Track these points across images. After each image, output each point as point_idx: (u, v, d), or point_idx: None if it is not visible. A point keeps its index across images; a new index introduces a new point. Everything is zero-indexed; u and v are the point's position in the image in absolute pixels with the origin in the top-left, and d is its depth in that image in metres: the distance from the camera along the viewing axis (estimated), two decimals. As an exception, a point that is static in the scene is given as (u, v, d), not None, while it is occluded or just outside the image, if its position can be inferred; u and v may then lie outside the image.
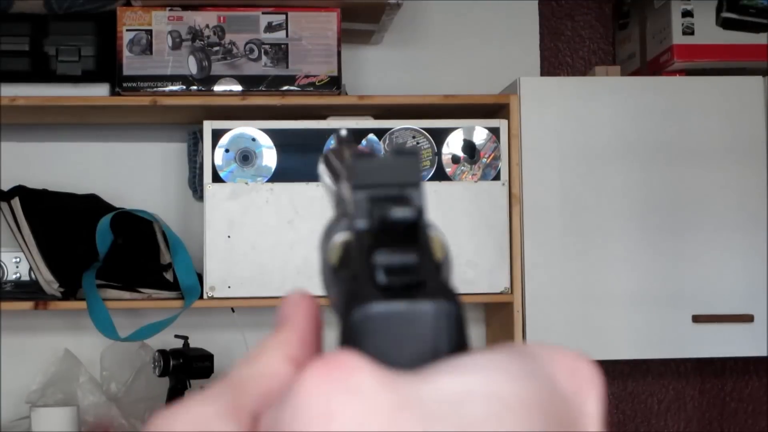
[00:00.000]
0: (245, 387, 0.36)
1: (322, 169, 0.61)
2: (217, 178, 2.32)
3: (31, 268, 2.34)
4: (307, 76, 2.35)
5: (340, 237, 0.39)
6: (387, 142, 2.35)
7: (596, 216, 2.40)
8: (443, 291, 0.35)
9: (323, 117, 2.38)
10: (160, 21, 2.33)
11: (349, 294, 0.35)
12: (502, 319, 2.47)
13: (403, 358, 0.33)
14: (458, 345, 0.34)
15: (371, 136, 2.35)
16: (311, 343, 0.38)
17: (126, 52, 2.33)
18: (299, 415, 0.32)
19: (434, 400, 0.32)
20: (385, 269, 0.35)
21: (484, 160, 2.37)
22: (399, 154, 0.37)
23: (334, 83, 2.35)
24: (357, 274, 0.35)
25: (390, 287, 0.34)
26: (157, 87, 2.32)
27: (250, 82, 2.34)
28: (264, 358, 0.37)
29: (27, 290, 2.36)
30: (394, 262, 0.35)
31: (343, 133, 0.61)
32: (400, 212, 0.36)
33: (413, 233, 0.36)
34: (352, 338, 0.34)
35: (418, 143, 2.36)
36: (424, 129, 2.36)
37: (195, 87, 2.33)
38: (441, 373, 0.32)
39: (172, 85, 2.33)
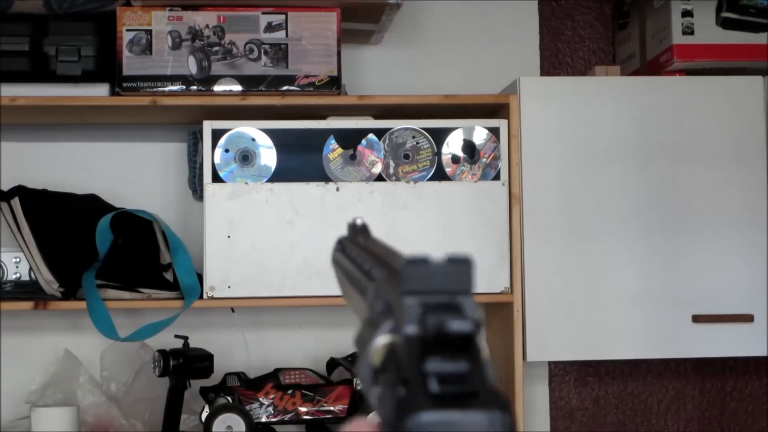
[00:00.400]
0: None
1: (337, 255, 0.60)
2: (217, 178, 2.32)
3: (31, 268, 2.34)
4: (307, 76, 2.35)
5: (384, 339, 0.39)
6: (387, 142, 2.35)
7: (596, 216, 2.40)
8: (496, 401, 0.34)
9: (323, 117, 2.38)
10: (160, 21, 2.33)
11: (400, 401, 0.35)
12: (502, 319, 2.47)
13: None
14: None
15: (371, 136, 2.35)
16: None
17: (126, 52, 2.33)
18: None
19: None
20: (438, 377, 0.35)
21: (484, 160, 2.37)
22: (451, 261, 0.37)
23: (334, 83, 2.35)
24: (408, 380, 0.35)
25: (442, 395, 0.34)
26: (157, 87, 2.32)
27: (250, 82, 2.34)
28: None
29: (27, 290, 2.36)
30: (446, 371, 0.35)
31: (359, 222, 0.61)
32: (458, 324, 0.36)
33: (466, 343, 0.36)
34: None
35: (417, 143, 2.36)
36: (424, 129, 2.36)
37: (195, 87, 2.33)
38: None
39: (172, 85, 2.33)
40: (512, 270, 2.35)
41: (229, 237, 2.30)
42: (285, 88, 2.34)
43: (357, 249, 0.54)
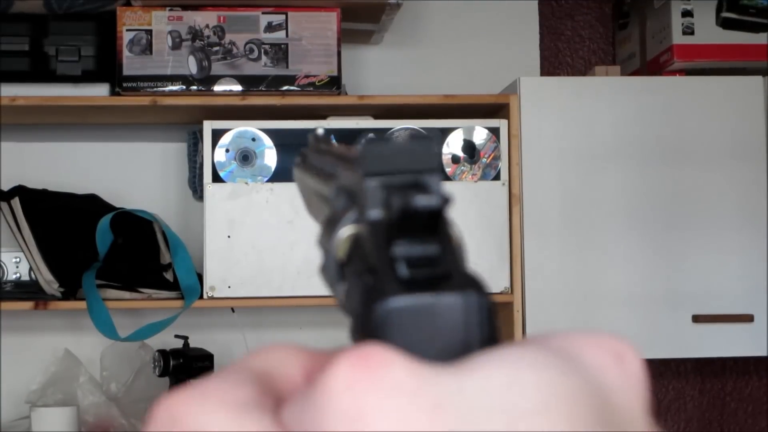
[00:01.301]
0: (267, 379, 0.33)
1: (298, 169, 0.58)
2: (217, 178, 2.32)
3: (31, 268, 2.34)
4: (307, 76, 2.35)
5: (346, 231, 0.37)
6: (387, 142, 2.35)
7: (596, 216, 2.40)
8: (471, 282, 0.32)
9: (323, 117, 2.38)
10: (160, 21, 2.33)
11: (368, 288, 0.33)
12: (502, 319, 2.46)
13: (432, 354, 0.31)
14: (489, 338, 0.32)
15: (371, 136, 2.35)
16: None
17: (126, 52, 2.33)
18: (327, 415, 0.29)
19: (477, 394, 0.29)
20: (407, 261, 0.33)
21: (484, 160, 2.37)
22: (414, 138, 0.36)
23: (334, 83, 2.35)
24: (375, 267, 0.33)
25: (413, 280, 0.32)
26: (157, 87, 2.32)
27: (250, 82, 2.34)
28: (278, 358, 0.34)
29: (27, 290, 2.36)
30: (416, 254, 0.33)
31: (320, 131, 0.58)
32: (424, 200, 0.33)
33: (434, 223, 0.34)
34: (374, 335, 0.31)
35: (418, 143, 2.35)
36: (424, 129, 2.36)
37: (195, 87, 2.33)
38: (479, 366, 0.30)
39: (172, 85, 2.33)
40: (512, 270, 2.35)
41: (229, 237, 2.30)
42: (285, 88, 2.34)
43: (319, 156, 0.51)
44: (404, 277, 0.32)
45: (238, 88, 2.34)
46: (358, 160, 0.35)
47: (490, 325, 0.32)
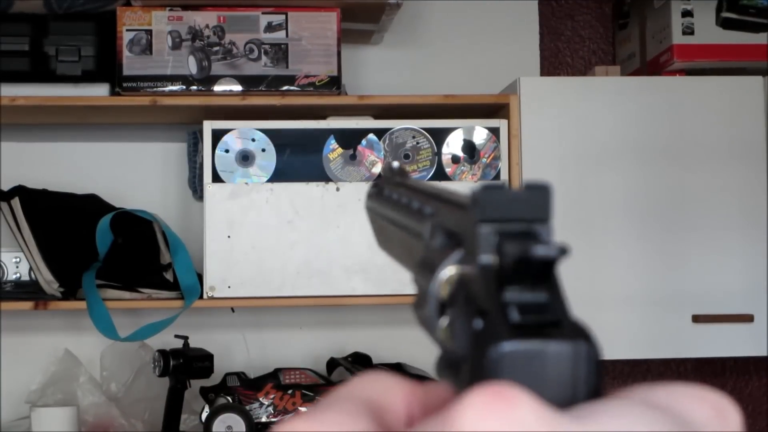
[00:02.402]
0: (376, 410, 0.34)
1: (372, 200, 0.58)
2: (217, 178, 2.32)
3: (31, 268, 2.34)
4: (307, 76, 2.35)
5: (451, 270, 0.37)
6: (387, 142, 2.35)
7: (596, 216, 2.40)
8: (580, 332, 0.33)
9: (323, 117, 2.38)
10: (160, 21, 2.33)
11: (479, 331, 0.33)
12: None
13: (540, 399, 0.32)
14: (595, 389, 0.33)
15: (371, 136, 2.35)
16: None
17: (126, 52, 2.33)
18: None
19: None
20: (518, 307, 0.33)
21: (484, 160, 2.37)
22: (529, 188, 0.36)
23: (334, 83, 2.35)
24: (485, 310, 0.34)
25: (524, 326, 0.33)
26: (157, 87, 2.32)
27: (250, 82, 2.34)
28: (383, 388, 0.35)
29: (27, 290, 2.36)
30: (527, 300, 0.34)
31: (395, 164, 0.58)
32: (542, 250, 0.34)
33: (547, 272, 0.35)
34: (484, 377, 0.32)
35: (417, 143, 2.36)
36: (424, 129, 2.36)
37: (195, 87, 2.33)
38: (595, 415, 0.31)
39: (172, 85, 2.33)
40: (512, 270, 2.34)
41: (229, 237, 2.30)
42: (285, 88, 2.34)
43: (399, 189, 0.51)
44: (516, 322, 0.33)
45: (238, 88, 2.34)
46: (472, 205, 0.36)
47: (597, 375, 0.33)
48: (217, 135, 2.32)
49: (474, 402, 0.30)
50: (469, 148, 2.37)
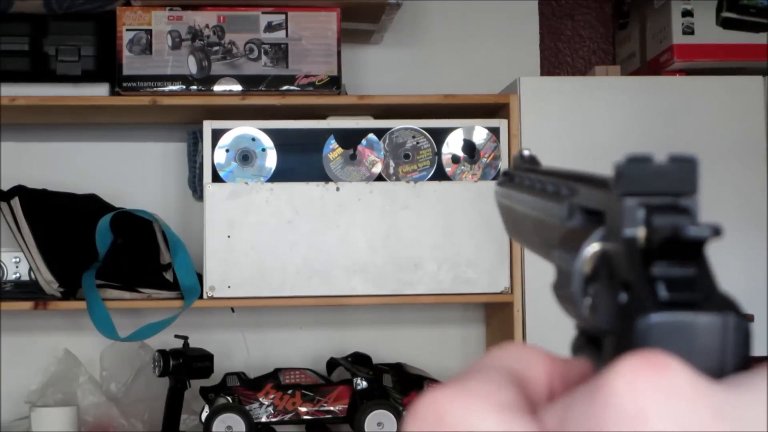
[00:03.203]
0: (521, 382, 0.34)
1: (503, 188, 0.57)
2: (217, 178, 2.32)
3: (31, 268, 2.34)
4: (307, 76, 2.35)
5: (594, 247, 0.37)
6: (387, 141, 2.35)
7: (596, 216, 2.40)
8: (729, 305, 0.33)
9: (323, 117, 2.38)
10: (160, 21, 2.33)
11: (626, 304, 0.33)
12: (502, 319, 2.47)
13: None
14: (744, 361, 0.32)
15: (371, 135, 2.35)
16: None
17: (126, 52, 2.33)
18: (607, 413, 0.30)
19: (751, 409, 0.30)
20: (666, 282, 0.33)
21: (484, 159, 2.37)
22: (675, 160, 0.35)
23: (334, 83, 2.35)
24: (632, 284, 0.33)
25: (672, 299, 0.33)
26: (156, 87, 2.32)
27: (250, 82, 2.34)
28: (527, 360, 0.35)
29: (27, 290, 2.36)
30: (675, 275, 0.33)
31: (527, 152, 0.59)
32: (695, 231, 0.34)
33: (698, 250, 0.34)
34: (633, 349, 0.32)
35: (417, 143, 2.36)
36: (424, 129, 2.36)
37: (195, 87, 2.33)
38: (748, 384, 0.31)
39: (171, 84, 2.33)
40: (512, 270, 2.35)
41: (229, 237, 2.30)
42: (285, 88, 2.34)
43: (532, 175, 0.51)
44: (663, 297, 0.33)
45: (238, 88, 2.34)
46: (616, 178, 0.35)
47: (746, 347, 0.32)
48: (217, 135, 2.32)
49: (627, 369, 0.30)
50: (469, 147, 2.37)
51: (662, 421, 0.29)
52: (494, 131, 2.37)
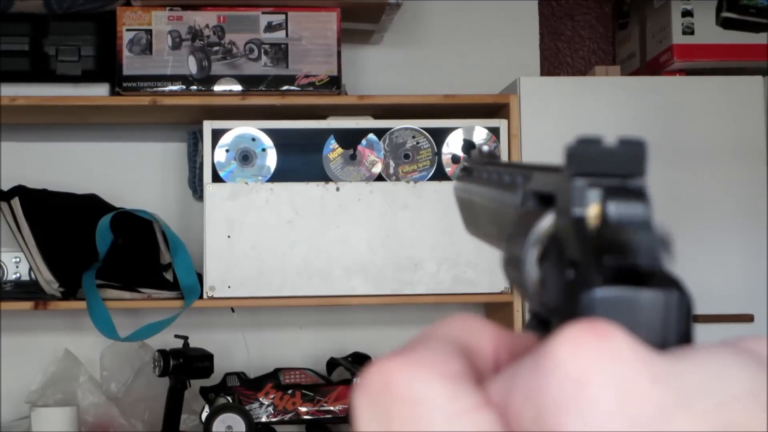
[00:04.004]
0: (467, 352, 0.34)
1: (462, 182, 0.58)
2: (217, 178, 2.32)
3: (31, 268, 2.34)
4: (307, 76, 2.35)
5: (544, 227, 0.38)
6: (387, 141, 2.35)
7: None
8: (672, 282, 0.34)
9: (323, 117, 2.38)
10: (160, 21, 2.33)
11: (571, 280, 0.34)
12: (502, 319, 2.47)
13: None
14: (686, 337, 0.33)
15: (371, 136, 2.35)
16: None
17: (126, 52, 2.33)
18: (550, 380, 0.30)
19: (691, 377, 0.30)
20: (612, 259, 0.34)
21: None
22: (623, 143, 0.36)
23: (334, 83, 2.35)
24: (578, 261, 0.34)
25: (617, 275, 0.33)
26: (157, 87, 2.32)
27: (250, 82, 2.34)
28: (473, 331, 0.35)
29: (27, 290, 2.36)
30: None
31: (486, 148, 0.60)
32: (636, 208, 0.35)
33: (642, 226, 0.35)
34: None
35: (417, 143, 2.36)
36: (424, 129, 2.36)
37: (195, 87, 2.33)
38: (688, 356, 0.31)
39: (172, 84, 2.33)
40: (512, 270, 2.34)
41: (229, 237, 2.30)
42: (285, 88, 2.34)
43: (490, 168, 0.52)
44: (609, 272, 0.33)
45: (238, 88, 2.34)
46: (567, 158, 0.36)
47: (688, 324, 0.33)
48: (217, 135, 2.32)
49: (569, 336, 0.31)
50: (469, 147, 2.37)
51: (603, 386, 0.30)
52: (494, 131, 2.37)
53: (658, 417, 0.30)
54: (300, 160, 2.33)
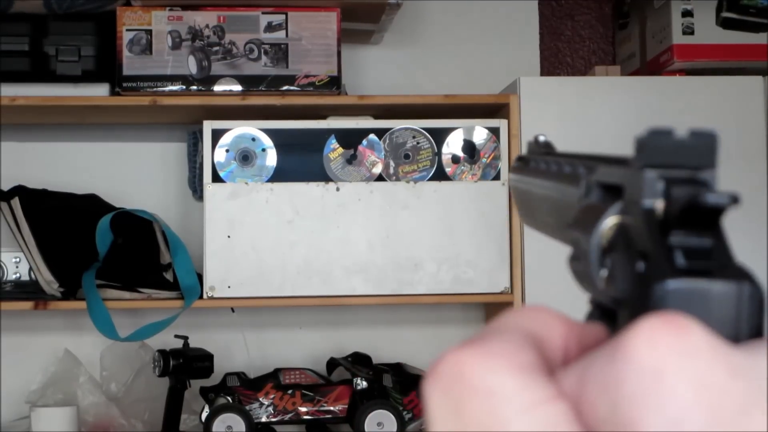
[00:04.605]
0: (539, 343, 0.34)
1: (517, 174, 0.57)
2: (217, 178, 2.32)
3: (31, 268, 2.34)
4: (307, 76, 2.35)
5: (612, 220, 0.37)
6: (387, 141, 2.35)
7: (596, 216, 2.40)
8: (745, 274, 0.33)
9: (323, 117, 2.38)
10: (160, 21, 2.33)
11: (642, 273, 0.34)
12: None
13: None
14: (757, 331, 0.33)
15: (372, 136, 2.35)
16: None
17: (126, 52, 2.33)
18: (626, 372, 0.30)
19: (765, 372, 0.30)
20: (683, 251, 0.34)
21: (484, 159, 2.37)
22: (696, 134, 0.36)
23: (334, 83, 2.35)
24: (649, 253, 0.34)
25: (689, 268, 0.33)
26: (156, 87, 2.32)
27: (250, 82, 2.34)
28: (544, 322, 0.35)
29: (27, 290, 2.36)
30: (692, 245, 0.34)
31: (542, 138, 0.58)
32: (714, 198, 0.34)
33: (715, 219, 0.35)
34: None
35: (417, 143, 2.36)
36: (424, 129, 2.36)
37: (195, 87, 2.33)
38: (760, 349, 0.31)
39: (171, 85, 2.33)
40: (512, 270, 2.35)
41: (229, 237, 2.30)
42: (285, 88, 2.34)
43: (548, 158, 0.52)
44: (681, 265, 0.33)
45: (238, 88, 2.34)
46: (638, 149, 0.36)
47: (760, 317, 0.33)
48: (217, 135, 2.32)
49: (646, 329, 0.30)
50: (469, 148, 2.37)
51: (680, 379, 0.30)
52: (494, 131, 2.37)
53: (737, 411, 0.30)
54: (300, 160, 2.33)
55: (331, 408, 2.36)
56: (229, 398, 2.32)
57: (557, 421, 0.31)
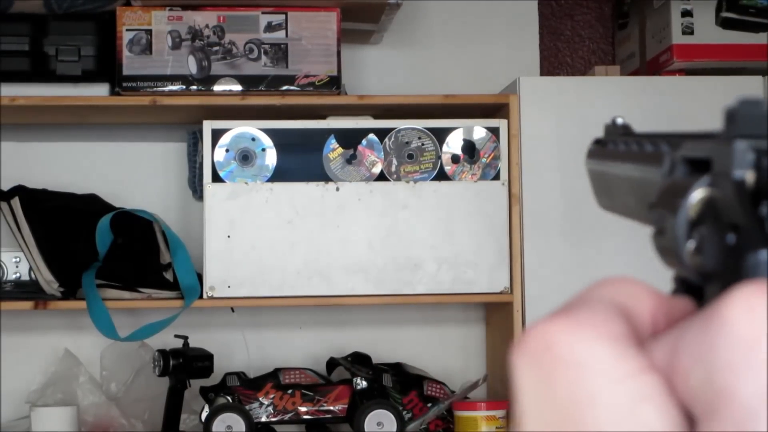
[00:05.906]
0: (627, 315, 0.34)
1: (594, 158, 0.56)
2: (216, 177, 2.32)
3: (31, 268, 2.34)
4: (306, 76, 2.35)
5: (700, 193, 0.37)
6: (392, 139, 2.35)
7: (596, 216, 2.40)
8: None
9: (323, 117, 2.38)
10: (160, 21, 2.33)
11: (733, 244, 0.33)
12: (502, 319, 2.47)
13: None
14: None
15: (371, 136, 2.35)
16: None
17: (126, 52, 2.33)
18: (721, 341, 0.30)
19: None
20: None
21: (484, 159, 2.37)
22: None
23: (334, 83, 2.35)
24: (740, 225, 0.34)
25: None
26: (156, 87, 2.32)
27: (249, 82, 2.34)
28: (632, 294, 0.35)
29: (27, 290, 2.36)
30: None
31: (620, 120, 0.58)
32: None
33: None
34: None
35: (422, 144, 2.36)
36: (426, 129, 2.36)
37: (195, 87, 2.33)
38: None
39: (171, 85, 2.33)
40: (512, 270, 2.35)
41: (229, 237, 2.30)
42: (285, 87, 2.34)
43: (627, 139, 0.51)
44: None
45: (238, 88, 2.34)
46: (728, 119, 0.36)
47: None
48: (217, 135, 2.32)
49: (743, 297, 0.30)
50: (469, 147, 2.37)
51: None
52: (494, 131, 2.37)
53: None
54: (300, 160, 2.33)
55: (331, 408, 2.36)
56: (229, 398, 2.32)
57: (650, 394, 0.31)
